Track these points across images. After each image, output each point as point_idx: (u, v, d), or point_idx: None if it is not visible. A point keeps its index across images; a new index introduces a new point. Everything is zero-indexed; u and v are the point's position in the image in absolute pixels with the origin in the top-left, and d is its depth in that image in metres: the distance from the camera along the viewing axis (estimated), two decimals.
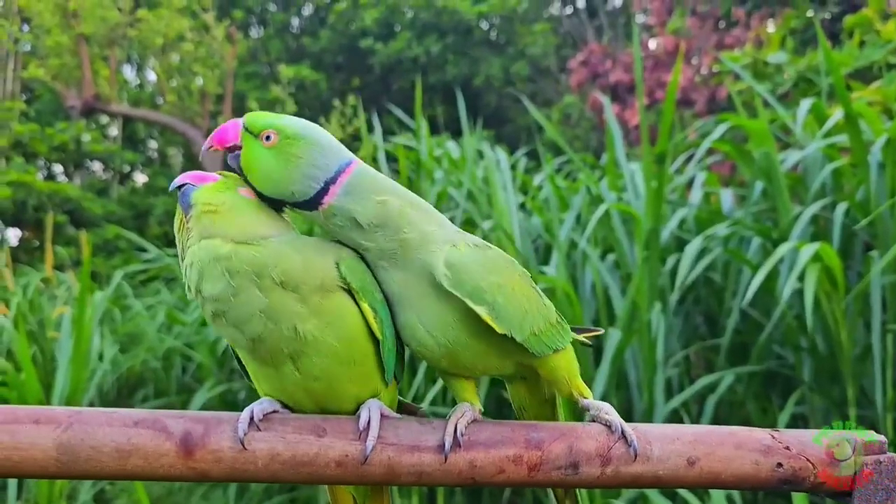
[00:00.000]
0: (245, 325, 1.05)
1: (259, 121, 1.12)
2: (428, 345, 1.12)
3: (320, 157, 1.11)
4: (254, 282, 1.04)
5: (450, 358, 1.13)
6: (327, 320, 1.07)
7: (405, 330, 1.13)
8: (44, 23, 11.90)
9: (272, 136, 1.10)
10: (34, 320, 6.05)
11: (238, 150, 1.13)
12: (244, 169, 1.12)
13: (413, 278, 1.11)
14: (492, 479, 1.04)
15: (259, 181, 1.11)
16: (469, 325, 1.10)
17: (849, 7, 7.43)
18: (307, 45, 16.56)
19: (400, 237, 1.10)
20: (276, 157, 1.10)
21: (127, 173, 16.62)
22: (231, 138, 1.13)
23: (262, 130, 1.10)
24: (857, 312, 3.36)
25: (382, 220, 1.10)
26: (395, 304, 1.13)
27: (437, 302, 1.10)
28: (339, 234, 1.12)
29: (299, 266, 1.06)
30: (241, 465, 1.01)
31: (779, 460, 1.06)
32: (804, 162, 3.97)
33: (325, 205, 1.09)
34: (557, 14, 16.96)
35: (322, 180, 1.10)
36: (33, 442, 0.97)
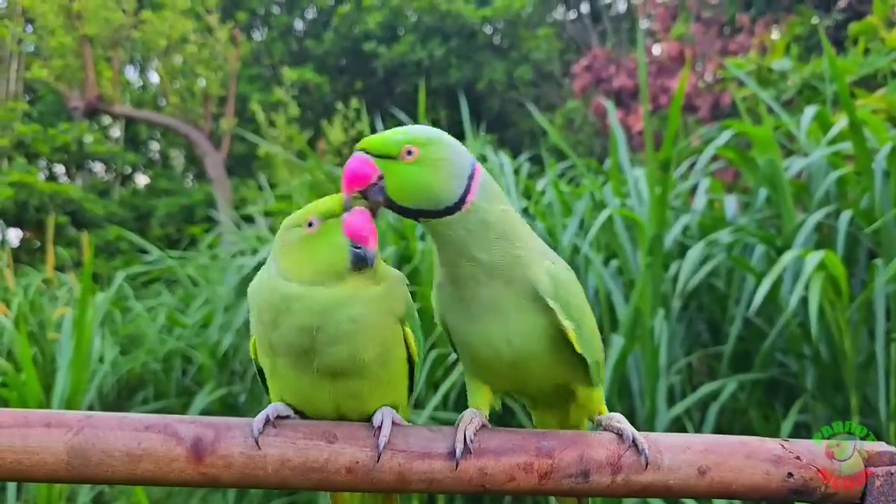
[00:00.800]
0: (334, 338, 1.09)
1: (390, 141, 1.11)
2: (501, 354, 1.14)
3: (457, 155, 1.13)
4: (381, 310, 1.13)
5: (516, 367, 1.15)
6: (380, 350, 1.12)
7: (481, 337, 1.14)
8: (47, 24, 11.91)
9: (413, 150, 1.10)
10: (35, 321, 6.05)
11: (374, 185, 1.11)
12: (393, 194, 1.10)
13: (510, 290, 1.12)
14: (502, 486, 1.04)
15: (413, 198, 1.10)
16: (549, 340, 1.14)
17: (854, 14, 7.43)
18: (310, 48, 16.57)
19: (514, 252, 1.12)
20: (423, 168, 1.10)
21: (129, 175, 16.62)
22: (370, 173, 1.11)
23: (400, 149, 1.10)
24: (860, 321, 3.35)
25: (502, 230, 1.12)
26: (479, 314, 1.14)
27: (528, 315, 1.13)
28: (459, 245, 1.12)
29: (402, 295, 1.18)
30: (251, 471, 1.01)
31: (789, 470, 1.06)
32: (808, 169, 3.97)
33: (469, 203, 1.10)
34: (561, 19, 16.97)
35: (465, 177, 1.11)
36: (44, 446, 0.97)
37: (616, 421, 1.16)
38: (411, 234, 4.49)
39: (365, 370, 1.12)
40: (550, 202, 4.56)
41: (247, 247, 6.17)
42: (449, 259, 1.14)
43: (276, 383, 1.16)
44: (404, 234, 4.59)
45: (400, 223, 4.83)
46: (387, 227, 4.65)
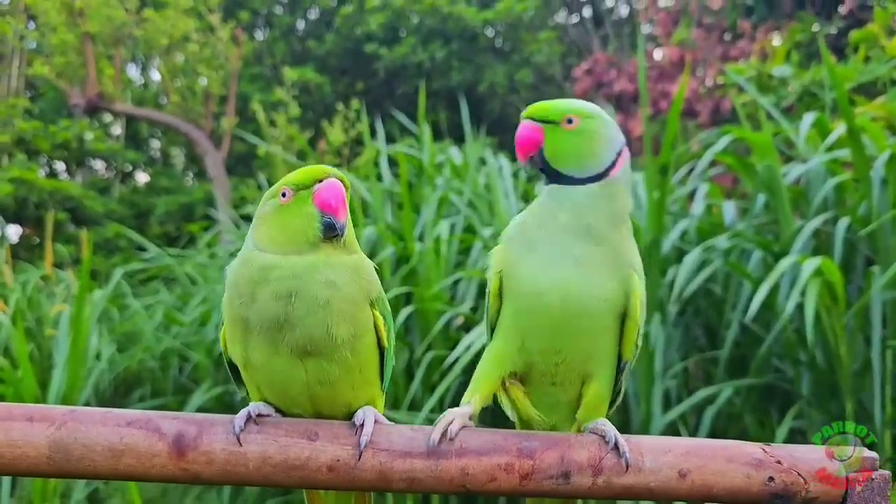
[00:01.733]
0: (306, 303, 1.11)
1: (556, 109, 1.21)
2: (569, 302, 1.16)
3: (613, 130, 1.23)
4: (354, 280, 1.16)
5: (568, 325, 1.18)
6: (352, 330, 1.14)
7: (555, 282, 1.17)
8: (50, 21, 11.91)
9: (574, 119, 1.20)
10: (32, 317, 6.05)
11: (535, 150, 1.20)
12: (551, 157, 1.21)
13: (602, 256, 1.18)
14: (483, 487, 1.04)
15: (568, 162, 1.20)
16: (612, 310, 1.19)
17: (854, 22, 7.44)
18: (312, 48, 16.57)
19: (618, 235, 1.20)
20: (581, 137, 1.20)
21: (129, 172, 16.62)
22: (538, 137, 1.21)
23: (563, 116, 1.20)
24: (857, 327, 3.35)
25: (622, 211, 1.22)
26: (561, 261, 1.18)
27: (610, 279, 1.18)
28: (581, 209, 1.18)
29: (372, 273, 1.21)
30: (232, 467, 1.01)
31: (770, 474, 1.06)
32: (807, 176, 3.97)
33: (612, 176, 1.20)
34: (563, 22, 16.97)
35: (614, 152, 1.21)
36: (27, 439, 0.98)
37: (601, 423, 1.16)
38: (409, 235, 4.49)
39: (336, 352, 1.13)
40: None
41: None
42: (549, 212, 1.20)
43: (249, 374, 1.17)
44: (402, 235, 4.60)
45: (398, 224, 4.84)
46: (385, 228, 4.66)
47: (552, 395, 1.24)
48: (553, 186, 1.21)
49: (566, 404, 1.24)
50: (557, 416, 1.25)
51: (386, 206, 5.10)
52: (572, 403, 1.23)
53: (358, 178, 5.67)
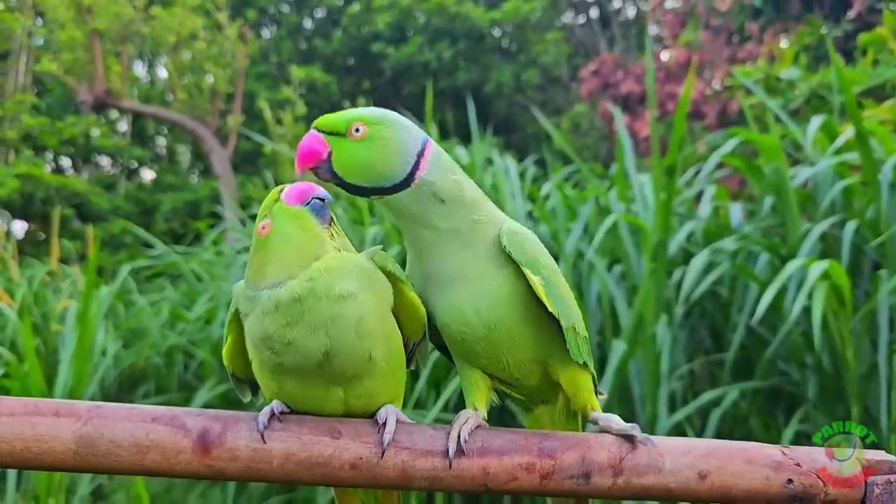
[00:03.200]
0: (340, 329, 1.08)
1: (340, 119, 1.15)
2: (472, 324, 1.15)
3: (406, 134, 1.16)
4: (370, 287, 1.12)
5: (488, 341, 1.15)
6: (385, 343, 1.13)
7: (451, 310, 1.16)
8: (58, 17, 11.94)
9: (361, 127, 1.14)
10: (38, 313, 6.06)
11: (324, 161, 1.15)
12: (340, 170, 1.14)
13: (474, 257, 1.15)
14: (504, 486, 1.05)
15: (358, 175, 1.14)
16: (520, 306, 1.15)
17: (863, 25, 7.43)
18: (319, 47, 16.60)
19: (472, 217, 1.16)
20: (370, 146, 1.13)
21: (135, 169, 16.66)
22: (320, 149, 1.14)
23: (349, 126, 1.14)
24: (864, 331, 3.35)
25: (459, 197, 1.16)
26: (446, 285, 1.16)
27: (496, 279, 1.14)
28: (416, 217, 1.15)
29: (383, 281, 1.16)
30: (256, 465, 1.02)
31: (790, 476, 1.07)
32: (814, 178, 3.97)
33: (417, 179, 1.14)
34: (570, 23, 16.97)
35: (413, 154, 1.14)
36: (53, 434, 0.98)
37: (616, 423, 1.16)
38: None
39: (374, 369, 1.12)
40: (555, 206, 4.56)
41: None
42: (410, 232, 1.18)
43: (281, 397, 1.15)
44: None
45: None
46: (391, 228, 4.66)
47: (523, 386, 1.23)
48: (381, 201, 1.17)
49: (542, 385, 1.23)
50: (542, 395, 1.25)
51: None
52: (548, 382, 1.22)
53: None
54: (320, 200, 1.14)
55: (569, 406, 1.23)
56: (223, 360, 1.23)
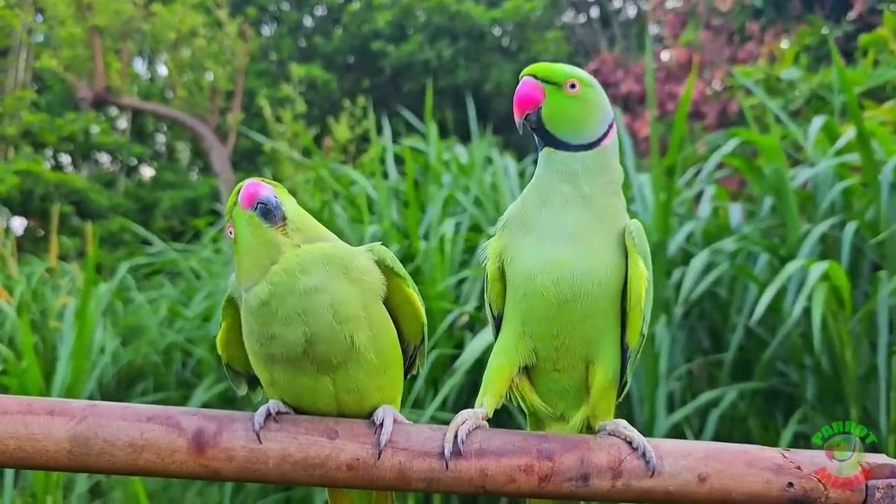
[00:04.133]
0: (316, 319, 1.09)
1: (560, 71, 1.20)
2: (563, 282, 1.15)
3: (606, 103, 1.23)
4: (343, 275, 1.11)
5: (562, 309, 1.16)
6: (374, 331, 1.13)
7: (549, 263, 1.16)
8: (58, 14, 11.93)
9: (576, 84, 1.19)
10: (37, 310, 6.05)
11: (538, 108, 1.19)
12: (548, 119, 1.19)
13: (597, 227, 1.18)
14: (502, 488, 1.04)
15: (565, 127, 1.19)
16: (612, 290, 1.18)
17: (864, 26, 7.42)
18: (319, 45, 16.58)
19: (612, 200, 1.21)
20: (580, 103, 1.19)
21: (134, 166, 16.64)
22: (539, 96, 1.19)
23: (566, 80, 1.19)
24: (863, 333, 3.34)
25: (613, 178, 1.22)
26: (555, 240, 1.17)
27: (607, 255, 1.18)
28: (573, 174, 1.18)
29: (366, 268, 1.16)
30: (252, 465, 1.01)
31: (790, 480, 1.06)
32: (814, 179, 3.96)
33: (602, 146, 1.20)
34: (570, 22, 16.96)
35: (607, 124, 1.22)
36: (47, 433, 0.98)
37: (623, 427, 1.16)
38: (414, 233, 4.49)
39: (361, 357, 1.12)
40: None
41: None
42: (550, 184, 1.20)
43: (275, 389, 1.16)
44: (407, 233, 4.59)
45: (403, 222, 4.83)
46: (390, 226, 4.65)
47: (557, 382, 1.23)
48: (548, 151, 1.21)
49: (572, 391, 1.23)
50: (564, 405, 1.24)
51: (391, 203, 5.10)
52: (578, 391, 1.23)
53: (364, 175, 5.67)
54: (264, 205, 1.13)
55: (585, 424, 1.23)
56: (217, 346, 1.23)
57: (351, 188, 5.53)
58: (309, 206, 4.82)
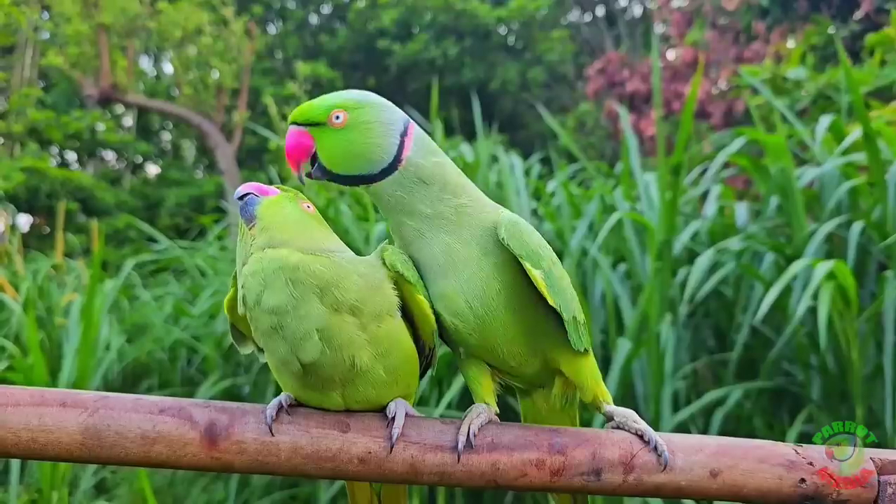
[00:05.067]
0: (302, 344, 1.02)
1: (317, 109, 1.09)
2: (463, 315, 1.10)
3: (389, 115, 1.10)
4: (316, 295, 1.02)
5: (481, 333, 1.11)
6: (381, 350, 1.07)
7: (442, 300, 1.10)
8: (64, 11, 11.96)
9: (340, 115, 1.08)
10: (42, 306, 6.07)
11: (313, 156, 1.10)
12: (328, 161, 1.08)
13: (461, 244, 1.09)
14: (514, 482, 1.04)
15: (345, 165, 1.08)
16: (512, 297, 1.09)
17: (871, 25, 7.40)
18: (324, 43, 16.60)
19: (457, 202, 1.09)
20: (353, 132, 1.07)
21: (139, 164, 16.68)
22: (307, 145, 1.09)
23: (328, 115, 1.08)
24: (869, 332, 3.33)
25: (442, 181, 1.09)
26: (436, 274, 1.10)
27: (485, 268, 1.08)
28: (401, 203, 1.09)
29: (362, 288, 1.05)
30: (263, 457, 1.01)
31: (802, 476, 1.06)
32: (821, 179, 3.95)
33: (404, 161, 1.08)
34: (576, 21, 16.96)
35: (397, 136, 1.09)
36: (59, 425, 0.98)
37: (633, 420, 1.15)
38: None
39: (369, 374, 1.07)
40: (560, 204, 4.55)
41: None
42: (396, 222, 1.11)
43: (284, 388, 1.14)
44: None
45: None
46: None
47: (522, 375, 1.19)
48: (364, 189, 1.11)
49: (541, 372, 1.19)
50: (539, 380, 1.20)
51: None
52: (546, 370, 1.18)
53: None
54: (240, 199, 1.09)
55: (566, 390, 1.20)
56: (223, 307, 1.18)
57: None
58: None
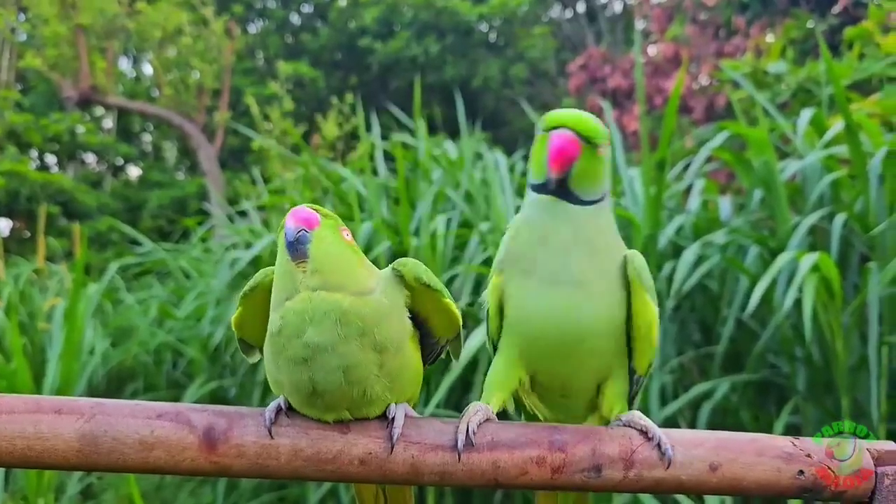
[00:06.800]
0: (325, 376, 1.04)
1: (600, 132, 1.15)
2: (566, 327, 1.14)
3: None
4: (358, 336, 1.05)
5: (570, 349, 1.16)
6: (391, 378, 1.09)
7: (550, 308, 1.14)
8: (41, 12, 11.85)
9: (605, 146, 1.17)
10: (25, 311, 6.01)
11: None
12: (576, 177, 1.15)
13: (598, 271, 1.16)
14: (515, 480, 1.04)
15: (584, 185, 1.16)
16: (618, 328, 1.17)
17: (849, 19, 7.47)
18: (306, 42, 16.53)
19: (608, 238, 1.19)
20: (603, 164, 1.17)
21: (121, 166, 16.54)
22: (575, 156, 1.13)
23: (602, 142, 1.16)
24: (853, 324, 3.37)
25: (610, 223, 1.21)
26: (556, 284, 1.14)
27: (611, 297, 1.16)
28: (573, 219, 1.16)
29: (395, 328, 1.09)
30: (263, 461, 1.00)
31: (800, 468, 1.07)
32: (803, 172, 3.99)
33: (606, 198, 1.20)
34: (557, 18, 16.99)
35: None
36: (55, 432, 0.97)
37: (639, 418, 1.16)
38: (405, 230, 4.48)
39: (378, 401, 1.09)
40: None
41: (240, 240, 6.14)
42: (550, 225, 1.16)
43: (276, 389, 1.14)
44: (398, 230, 4.59)
45: (394, 219, 4.82)
46: (381, 223, 4.64)
47: (565, 406, 1.23)
48: (546, 199, 1.16)
49: (581, 408, 1.24)
50: (574, 416, 1.25)
51: (382, 200, 5.09)
52: (587, 406, 1.23)
53: (353, 172, 5.66)
54: (291, 244, 1.07)
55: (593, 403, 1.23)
56: (231, 325, 1.20)
57: (341, 185, 5.51)
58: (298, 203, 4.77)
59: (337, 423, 1.09)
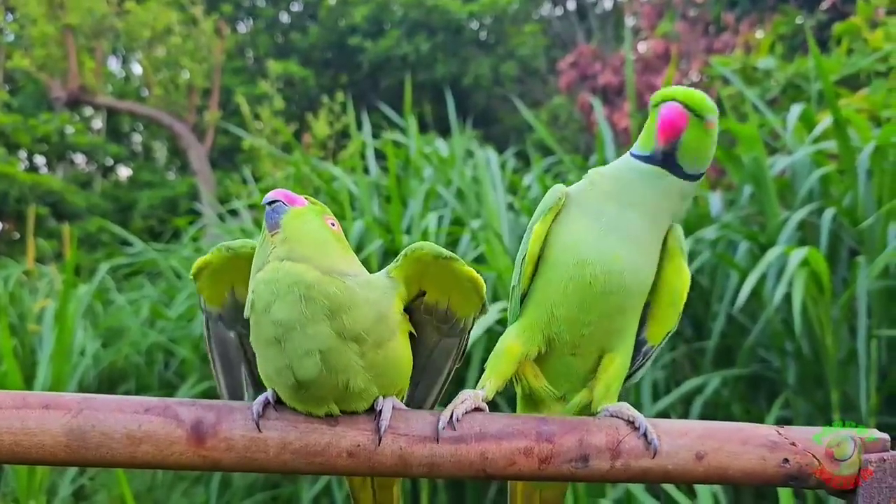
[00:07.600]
0: (301, 361, 1.02)
1: (708, 104, 1.18)
2: (612, 277, 1.17)
3: None
4: (326, 317, 1.02)
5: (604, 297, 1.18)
6: (377, 372, 1.08)
7: (603, 254, 1.18)
8: (29, 12, 11.79)
9: (714, 119, 1.18)
10: (14, 313, 5.98)
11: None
12: (682, 149, 1.18)
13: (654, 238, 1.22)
14: (503, 471, 1.05)
15: (689, 158, 1.19)
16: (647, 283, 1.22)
17: (837, 15, 7.50)
18: (296, 41, 16.51)
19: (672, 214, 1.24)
20: (710, 139, 1.19)
21: (110, 166, 16.48)
22: (682, 127, 1.17)
23: (708, 115, 1.18)
24: (842, 317, 3.39)
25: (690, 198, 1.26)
26: (616, 235, 1.19)
27: (654, 257, 1.22)
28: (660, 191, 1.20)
29: (369, 318, 1.06)
30: (251, 454, 1.00)
31: (785, 456, 1.08)
32: (793, 167, 4.01)
33: (701, 178, 1.23)
34: (547, 15, 17.01)
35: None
36: (43, 427, 0.97)
37: (626, 408, 1.17)
38: (397, 228, 4.48)
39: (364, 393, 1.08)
40: (536, 198, 4.57)
41: (231, 240, 6.12)
42: (632, 182, 1.21)
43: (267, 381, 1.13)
44: (390, 228, 4.59)
45: (385, 217, 4.82)
46: (372, 221, 4.64)
47: (569, 366, 1.24)
48: (645, 166, 1.21)
49: (581, 375, 1.24)
50: (569, 386, 1.25)
51: (373, 199, 5.09)
52: (587, 374, 1.24)
53: (344, 170, 5.66)
54: (268, 205, 1.07)
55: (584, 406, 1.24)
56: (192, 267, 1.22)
57: (332, 184, 5.51)
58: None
59: (326, 416, 1.09)
